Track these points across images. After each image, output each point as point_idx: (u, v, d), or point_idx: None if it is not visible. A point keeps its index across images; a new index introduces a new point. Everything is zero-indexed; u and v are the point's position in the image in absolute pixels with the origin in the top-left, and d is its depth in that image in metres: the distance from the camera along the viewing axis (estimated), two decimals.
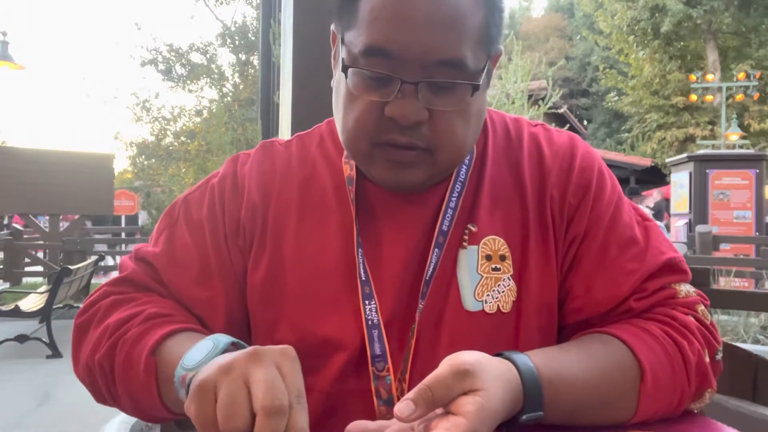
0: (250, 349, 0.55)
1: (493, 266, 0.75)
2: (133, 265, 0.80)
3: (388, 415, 0.70)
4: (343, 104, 0.72)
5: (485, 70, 0.70)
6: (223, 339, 0.62)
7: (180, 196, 0.86)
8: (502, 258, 0.75)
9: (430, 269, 0.74)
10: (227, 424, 0.50)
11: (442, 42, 0.66)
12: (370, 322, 0.72)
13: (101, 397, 0.75)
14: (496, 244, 0.76)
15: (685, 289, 0.76)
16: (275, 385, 0.51)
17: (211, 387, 0.53)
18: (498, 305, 0.74)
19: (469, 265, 0.75)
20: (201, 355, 0.59)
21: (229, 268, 0.79)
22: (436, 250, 0.74)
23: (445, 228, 0.75)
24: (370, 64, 0.67)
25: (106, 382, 0.72)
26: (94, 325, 0.74)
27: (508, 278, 0.75)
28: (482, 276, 0.74)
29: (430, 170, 0.72)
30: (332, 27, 0.77)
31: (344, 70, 0.69)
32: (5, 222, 13.78)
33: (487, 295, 0.74)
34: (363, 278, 0.74)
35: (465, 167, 0.79)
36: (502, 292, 0.74)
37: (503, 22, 0.73)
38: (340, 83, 0.73)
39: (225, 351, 0.60)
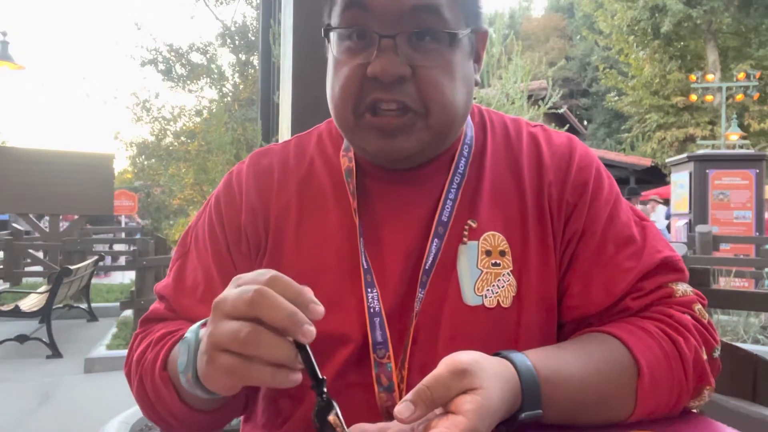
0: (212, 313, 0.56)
1: (493, 261, 0.75)
2: (155, 304, 0.85)
3: (389, 402, 0.71)
4: (331, 78, 0.75)
5: (468, 39, 0.74)
6: (193, 329, 0.62)
7: (191, 223, 0.89)
8: (502, 254, 0.76)
9: (430, 259, 0.74)
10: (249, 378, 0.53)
11: None
12: (372, 310, 0.73)
13: (168, 426, 0.78)
14: (495, 239, 0.76)
15: (682, 288, 0.76)
16: (235, 297, 0.53)
17: (220, 373, 0.54)
18: (498, 300, 0.74)
19: (469, 260, 0.75)
20: (184, 357, 0.61)
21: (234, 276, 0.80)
22: (436, 240, 0.75)
23: (444, 218, 0.76)
24: (348, 20, 0.71)
25: (154, 411, 0.75)
26: (132, 370, 0.78)
27: (508, 273, 0.75)
28: (482, 271, 0.75)
29: (423, 135, 0.73)
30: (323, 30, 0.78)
31: (325, 34, 0.73)
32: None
33: (487, 289, 0.74)
34: (365, 267, 0.75)
35: (464, 159, 0.80)
36: (502, 287, 0.74)
37: (480, 3, 0.76)
38: (330, 64, 0.76)
39: (199, 332, 0.61)
